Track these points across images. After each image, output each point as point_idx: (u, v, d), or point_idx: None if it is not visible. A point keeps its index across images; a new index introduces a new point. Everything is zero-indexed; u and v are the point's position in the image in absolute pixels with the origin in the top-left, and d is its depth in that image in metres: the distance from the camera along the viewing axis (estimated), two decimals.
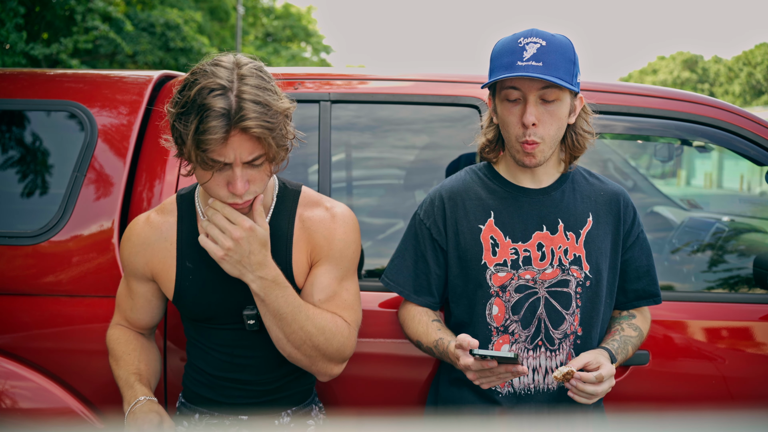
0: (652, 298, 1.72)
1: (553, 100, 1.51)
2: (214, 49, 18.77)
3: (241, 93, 1.29)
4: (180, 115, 1.31)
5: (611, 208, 1.67)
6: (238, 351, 1.57)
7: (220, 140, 1.28)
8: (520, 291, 1.59)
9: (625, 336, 1.66)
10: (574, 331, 1.61)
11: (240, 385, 1.59)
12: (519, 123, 1.53)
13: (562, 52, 1.50)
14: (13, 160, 2.05)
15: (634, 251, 1.69)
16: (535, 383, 1.61)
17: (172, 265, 1.55)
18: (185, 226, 1.56)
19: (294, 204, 1.57)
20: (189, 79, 1.33)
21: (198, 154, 1.30)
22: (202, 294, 1.53)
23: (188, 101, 1.30)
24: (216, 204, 1.40)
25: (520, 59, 1.48)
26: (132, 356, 1.61)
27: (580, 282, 1.61)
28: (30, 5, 13.20)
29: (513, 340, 1.60)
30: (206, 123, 1.27)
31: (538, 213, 1.62)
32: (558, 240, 1.61)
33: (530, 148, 1.54)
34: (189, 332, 1.64)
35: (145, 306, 1.64)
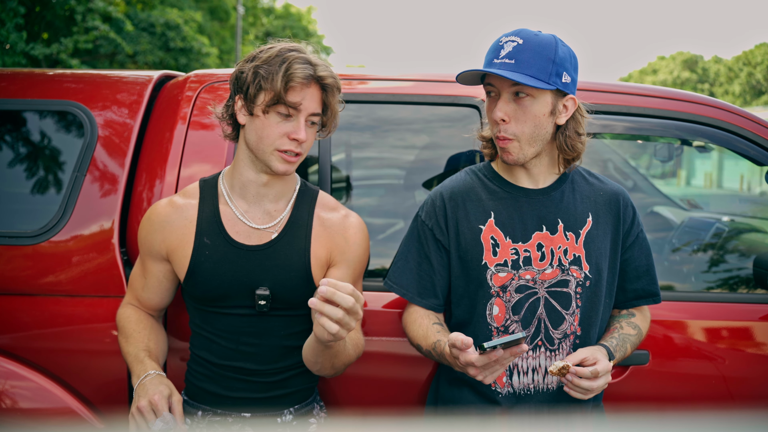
0: (651, 297, 1.73)
1: (525, 97, 1.52)
2: (214, 49, 18.81)
3: (315, 57, 1.55)
4: (263, 64, 1.50)
5: (611, 208, 1.67)
6: (244, 338, 1.61)
7: (307, 78, 1.50)
8: (520, 291, 1.59)
9: (624, 334, 1.66)
10: (574, 331, 1.62)
11: (244, 376, 1.61)
12: (492, 119, 1.57)
13: (538, 50, 1.50)
14: (13, 160, 2.05)
15: (633, 251, 1.69)
16: (535, 383, 1.61)
17: (189, 241, 1.61)
18: (207, 206, 1.64)
19: (313, 202, 1.68)
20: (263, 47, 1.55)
21: (279, 95, 1.48)
22: (216, 269, 1.58)
23: (271, 56, 1.51)
24: (324, 292, 1.26)
25: (497, 56, 1.53)
26: (142, 334, 1.67)
27: (579, 282, 1.61)
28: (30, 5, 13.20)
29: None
30: (295, 65, 1.49)
31: (538, 213, 1.62)
32: (558, 240, 1.61)
33: (502, 144, 1.57)
34: (194, 321, 1.67)
35: (157, 286, 1.69)
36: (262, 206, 1.63)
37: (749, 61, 42.05)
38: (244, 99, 1.54)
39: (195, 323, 1.67)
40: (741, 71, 42.55)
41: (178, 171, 1.93)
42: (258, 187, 1.62)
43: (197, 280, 1.60)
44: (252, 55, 1.56)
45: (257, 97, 1.52)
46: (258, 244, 1.61)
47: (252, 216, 1.62)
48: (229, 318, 1.61)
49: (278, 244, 1.61)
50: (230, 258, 1.59)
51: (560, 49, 1.52)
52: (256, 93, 1.51)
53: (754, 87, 41.99)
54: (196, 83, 2.05)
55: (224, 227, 1.61)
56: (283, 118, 1.52)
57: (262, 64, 1.51)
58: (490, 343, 1.32)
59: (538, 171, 1.64)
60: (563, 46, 1.54)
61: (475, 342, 1.57)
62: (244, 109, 1.55)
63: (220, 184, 1.66)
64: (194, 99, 2.01)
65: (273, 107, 1.51)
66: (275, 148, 1.53)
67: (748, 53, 42.32)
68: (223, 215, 1.62)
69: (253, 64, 1.52)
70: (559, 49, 1.52)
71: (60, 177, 1.98)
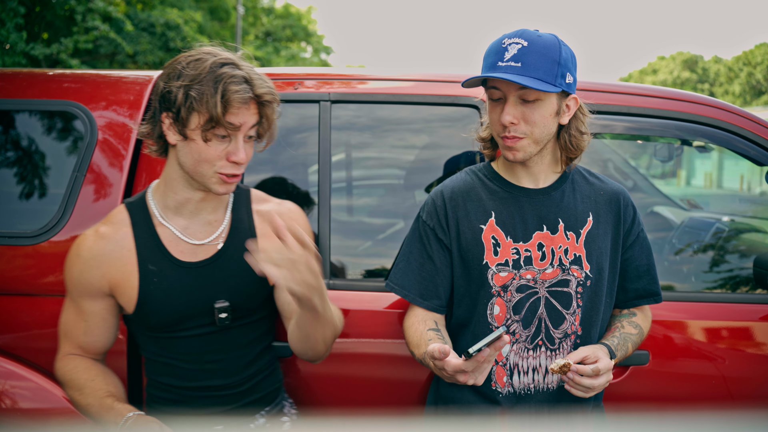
0: (652, 297, 1.72)
1: (533, 100, 1.52)
2: None
3: (248, 68, 1.46)
4: (195, 84, 1.40)
5: (611, 208, 1.67)
6: (207, 356, 1.55)
7: (246, 101, 1.42)
8: (521, 291, 1.59)
9: (625, 333, 1.66)
10: (574, 331, 1.61)
11: (212, 392, 1.56)
12: (499, 122, 1.56)
13: (543, 52, 1.49)
14: (13, 160, 2.05)
15: (634, 250, 1.69)
16: (535, 383, 1.61)
17: (133, 271, 1.52)
18: (141, 230, 1.54)
19: (248, 201, 1.64)
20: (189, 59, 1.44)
21: (216, 119, 1.40)
22: (168, 294, 1.51)
23: (202, 74, 1.41)
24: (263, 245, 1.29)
25: (501, 59, 1.51)
26: (98, 381, 1.54)
27: (580, 282, 1.61)
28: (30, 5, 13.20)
29: (513, 339, 1.60)
30: (231, 86, 1.40)
31: (539, 213, 1.62)
32: (558, 240, 1.61)
33: (511, 142, 1.56)
34: (148, 348, 1.58)
35: (101, 325, 1.57)
36: (201, 219, 1.57)
37: (749, 61, 42.04)
38: (174, 119, 1.44)
39: (150, 351, 1.58)
40: (741, 71, 42.53)
41: None
42: (196, 203, 1.55)
43: (149, 310, 1.51)
44: (175, 69, 1.44)
45: (189, 119, 1.42)
46: (206, 258, 1.55)
47: (192, 232, 1.56)
48: (189, 340, 1.54)
49: (226, 253, 1.56)
50: (181, 280, 1.52)
51: (563, 49, 1.52)
52: (188, 115, 1.42)
53: (754, 87, 41.98)
54: None
55: (166, 249, 1.53)
56: (220, 140, 1.44)
57: (193, 83, 1.40)
58: (474, 347, 1.32)
59: (539, 170, 1.64)
60: (564, 46, 1.54)
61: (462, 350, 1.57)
62: (173, 129, 1.46)
63: (150, 204, 1.56)
64: None
65: (211, 130, 1.42)
66: (216, 171, 1.46)
67: (748, 53, 42.30)
68: (163, 237, 1.54)
69: (181, 83, 1.41)
70: (562, 50, 1.52)
71: (60, 177, 1.97)
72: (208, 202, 1.56)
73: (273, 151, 2.08)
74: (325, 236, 1.92)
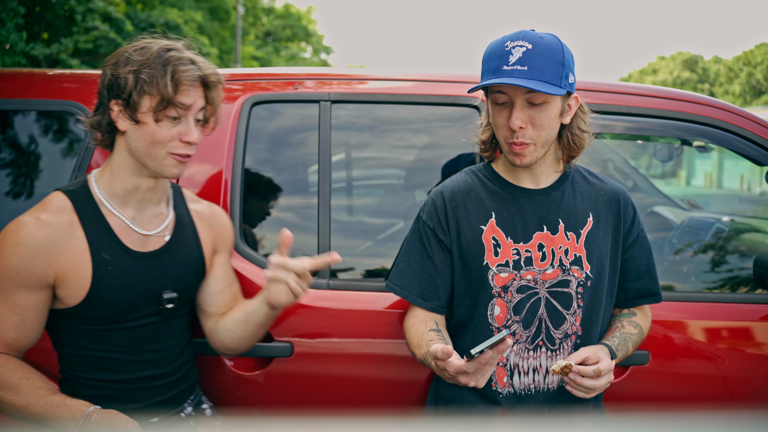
0: (652, 296, 1.73)
1: (540, 103, 1.52)
2: (215, 49, 18.82)
3: (192, 53, 1.52)
4: (144, 68, 1.45)
5: (611, 208, 1.67)
6: (148, 346, 1.58)
7: (195, 79, 1.48)
8: (521, 291, 1.59)
9: (626, 333, 1.66)
10: (575, 332, 1.61)
11: (149, 383, 1.58)
12: (506, 126, 1.54)
13: (548, 54, 1.49)
14: (13, 160, 2.05)
15: (634, 250, 1.69)
16: (536, 383, 1.61)
17: (85, 260, 1.49)
18: (90, 219, 1.52)
19: (183, 198, 1.71)
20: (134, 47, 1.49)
21: (168, 98, 1.45)
22: (122, 283, 1.52)
23: (150, 58, 1.46)
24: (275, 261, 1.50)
25: (506, 63, 1.49)
26: (34, 379, 1.47)
27: (581, 282, 1.61)
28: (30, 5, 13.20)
29: (514, 340, 1.60)
30: (180, 66, 1.46)
31: (539, 213, 1.62)
32: (558, 240, 1.61)
33: (518, 149, 1.55)
34: (81, 344, 1.53)
35: (35, 319, 1.49)
36: (148, 211, 1.59)
37: (749, 61, 42.05)
38: (125, 105, 1.47)
39: (82, 347, 1.53)
40: (741, 71, 42.55)
41: None
42: (144, 193, 1.56)
43: (100, 300, 1.49)
44: (122, 57, 1.48)
45: (141, 102, 1.46)
46: (155, 249, 1.58)
47: (141, 222, 1.58)
48: (132, 331, 1.55)
49: (174, 245, 1.62)
50: (133, 269, 1.54)
51: (565, 50, 1.53)
52: (140, 98, 1.46)
53: (754, 87, 41.98)
54: None
55: (118, 238, 1.53)
56: (171, 121, 1.49)
57: (142, 67, 1.45)
58: (476, 348, 1.32)
59: (541, 171, 1.64)
60: (565, 46, 1.54)
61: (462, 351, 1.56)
62: (123, 115, 1.48)
63: (96, 193, 1.55)
64: None
65: (162, 111, 1.47)
66: (168, 152, 1.50)
67: (748, 53, 42.32)
68: (114, 226, 1.54)
69: (129, 69, 1.45)
70: (565, 51, 1.52)
71: (60, 177, 1.97)
72: (155, 192, 1.59)
73: (273, 151, 2.09)
74: (325, 236, 1.92)
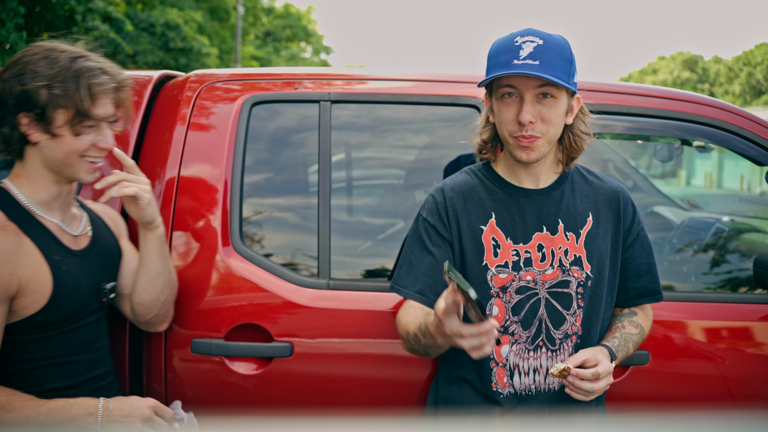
0: (653, 295, 1.72)
1: (550, 98, 1.51)
2: (215, 50, 18.82)
3: (98, 58, 1.54)
4: (56, 83, 1.44)
5: (611, 207, 1.67)
6: (95, 344, 1.62)
7: (111, 91, 1.51)
8: (521, 292, 1.59)
9: (626, 333, 1.66)
10: (575, 332, 1.61)
11: (99, 383, 1.60)
12: (515, 120, 1.53)
13: (558, 51, 1.49)
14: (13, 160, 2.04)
15: (634, 249, 1.69)
16: (536, 384, 1.61)
17: (42, 264, 1.48)
18: (28, 225, 1.51)
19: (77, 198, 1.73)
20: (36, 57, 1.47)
21: (85, 112, 1.47)
22: (75, 282, 1.54)
23: (60, 72, 1.45)
24: (113, 178, 1.57)
25: (517, 58, 1.48)
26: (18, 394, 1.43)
27: (581, 282, 1.60)
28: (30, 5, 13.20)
29: (513, 340, 1.60)
30: (93, 79, 1.48)
31: (538, 214, 1.62)
32: (558, 241, 1.61)
33: (527, 142, 1.53)
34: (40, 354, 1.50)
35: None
36: (68, 213, 1.62)
37: (749, 61, 42.05)
38: (37, 119, 1.46)
39: (37, 358, 1.50)
40: (741, 71, 42.54)
41: (178, 171, 1.93)
42: (64, 197, 1.59)
43: (63, 300, 1.50)
44: (26, 69, 1.46)
45: (55, 116, 1.46)
46: (86, 246, 1.62)
47: (68, 224, 1.60)
48: (83, 330, 1.58)
49: (98, 240, 1.67)
50: (79, 267, 1.57)
51: (571, 48, 1.53)
52: (54, 113, 1.46)
53: (754, 87, 41.99)
54: (196, 83, 2.05)
55: (60, 240, 1.55)
56: (88, 131, 1.51)
57: (53, 81, 1.44)
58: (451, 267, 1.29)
59: (541, 171, 1.63)
60: (570, 45, 1.55)
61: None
62: (36, 128, 1.48)
63: (22, 200, 1.52)
64: (194, 99, 2.01)
65: (79, 124, 1.48)
66: (83, 159, 1.53)
67: (748, 53, 42.32)
68: (51, 229, 1.55)
69: (41, 83, 1.44)
70: (571, 49, 1.52)
71: None
72: (71, 195, 1.62)
73: (273, 151, 2.09)
74: (325, 236, 1.92)
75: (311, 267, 1.94)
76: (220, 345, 1.82)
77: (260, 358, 1.84)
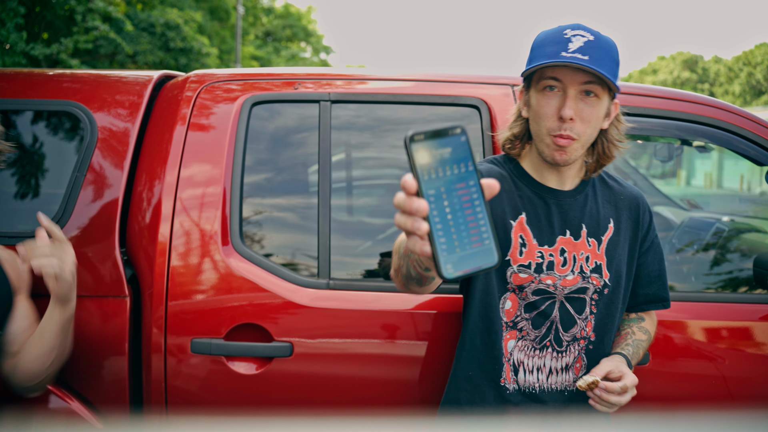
0: (661, 302, 1.70)
1: (593, 96, 1.44)
2: (215, 49, 18.80)
3: None
4: None
5: (631, 214, 1.63)
6: None
7: None
8: (538, 294, 1.55)
9: (637, 340, 1.64)
10: (585, 336, 1.59)
11: None
12: (555, 116, 1.45)
13: (608, 50, 1.43)
14: (13, 161, 2.05)
15: (648, 256, 1.66)
16: (539, 382, 1.58)
17: None
18: None
19: None
20: None
21: None
22: None
23: None
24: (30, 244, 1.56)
25: (565, 50, 1.40)
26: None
27: (597, 289, 1.57)
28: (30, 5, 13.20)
29: (520, 336, 1.56)
30: None
31: (564, 217, 1.56)
32: (580, 246, 1.56)
33: (563, 142, 1.45)
34: None
35: None
36: None
37: (749, 61, 42.05)
38: None
39: None
40: (741, 71, 42.54)
41: (178, 171, 1.93)
42: None
43: None
44: None
45: None
46: None
47: None
48: None
49: None
50: None
51: (618, 51, 1.47)
52: None
53: (754, 87, 41.98)
54: (196, 83, 2.05)
55: None
56: None
57: None
58: None
59: (569, 174, 1.56)
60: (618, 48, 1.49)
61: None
62: None
63: None
64: (194, 99, 2.01)
65: None
66: None
67: (748, 53, 42.31)
68: None
69: None
70: (618, 52, 1.46)
71: (60, 177, 1.97)
72: None
73: (273, 151, 2.09)
74: (325, 236, 1.92)
75: (311, 267, 1.94)
76: (220, 345, 1.82)
77: (260, 358, 1.84)
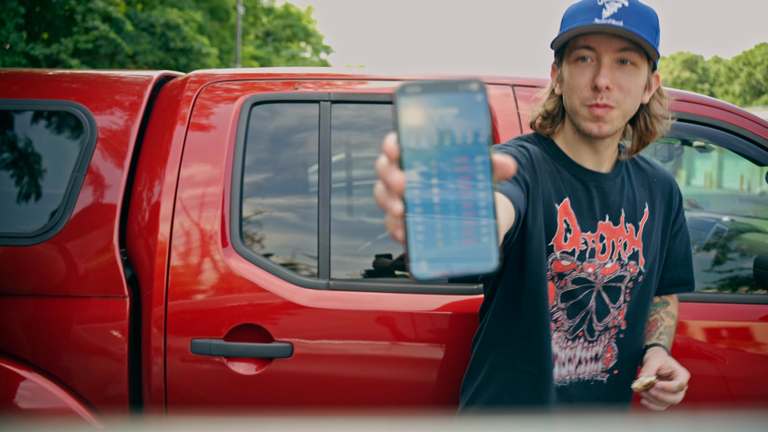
0: (686, 285, 1.65)
1: (630, 65, 1.34)
2: (215, 49, 18.81)
3: None
4: None
5: (664, 197, 1.56)
6: None
7: None
8: (577, 283, 1.46)
9: (667, 326, 1.60)
10: (617, 325, 1.52)
11: None
12: (589, 86, 1.35)
13: (645, 15, 1.32)
14: (12, 160, 2.05)
15: (676, 239, 1.60)
16: (569, 374, 1.51)
17: None
18: None
19: None
20: None
21: None
22: None
23: None
24: None
25: (599, 17, 1.31)
26: None
27: (633, 277, 1.50)
28: (30, 5, 13.20)
29: (555, 327, 1.49)
30: None
31: (604, 201, 1.46)
32: (619, 232, 1.48)
33: (600, 112, 1.34)
34: None
35: None
36: None
37: (749, 61, 42.05)
38: None
39: None
40: (741, 71, 42.54)
41: (178, 171, 1.93)
42: None
43: None
44: None
45: None
46: None
47: None
48: None
49: None
50: None
51: (658, 18, 1.38)
52: None
53: (754, 87, 41.99)
54: (195, 83, 2.05)
55: None
56: None
57: None
58: None
59: (607, 154, 1.45)
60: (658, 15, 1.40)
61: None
62: None
63: None
64: (194, 99, 2.01)
65: None
66: None
67: (748, 53, 42.32)
68: None
69: None
70: (658, 19, 1.38)
71: (60, 177, 1.97)
72: None
73: (273, 151, 2.09)
74: (325, 236, 1.92)
75: (311, 267, 1.94)
76: (220, 345, 1.82)
77: (260, 358, 1.84)
